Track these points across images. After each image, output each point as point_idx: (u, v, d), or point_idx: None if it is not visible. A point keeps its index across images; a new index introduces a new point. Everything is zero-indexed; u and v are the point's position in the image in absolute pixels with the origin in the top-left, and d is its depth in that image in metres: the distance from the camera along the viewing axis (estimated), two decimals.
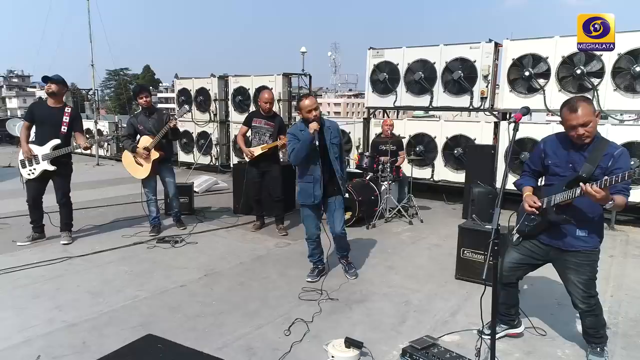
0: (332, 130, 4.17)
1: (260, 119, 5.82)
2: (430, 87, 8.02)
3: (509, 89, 7.29)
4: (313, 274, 4.40)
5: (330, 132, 4.16)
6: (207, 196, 8.66)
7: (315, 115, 4.05)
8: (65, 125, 5.23)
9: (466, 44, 7.72)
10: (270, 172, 5.88)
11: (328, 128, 4.16)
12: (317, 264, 4.47)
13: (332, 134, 4.16)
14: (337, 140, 4.20)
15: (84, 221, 6.41)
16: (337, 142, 4.20)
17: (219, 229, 6.19)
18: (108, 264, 4.74)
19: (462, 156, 7.77)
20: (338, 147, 4.23)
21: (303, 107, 4.08)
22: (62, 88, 5.30)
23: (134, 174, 5.88)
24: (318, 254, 4.47)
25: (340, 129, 4.34)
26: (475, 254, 4.30)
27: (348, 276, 4.44)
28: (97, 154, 13.35)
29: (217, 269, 4.67)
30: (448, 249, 5.43)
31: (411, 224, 6.58)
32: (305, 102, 4.08)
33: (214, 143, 11.29)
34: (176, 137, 6.09)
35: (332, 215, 4.28)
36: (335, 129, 4.22)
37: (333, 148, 4.16)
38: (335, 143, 4.17)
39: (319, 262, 4.49)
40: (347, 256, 4.54)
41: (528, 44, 7.12)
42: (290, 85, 10.39)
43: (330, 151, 4.16)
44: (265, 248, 5.40)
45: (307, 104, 4.06)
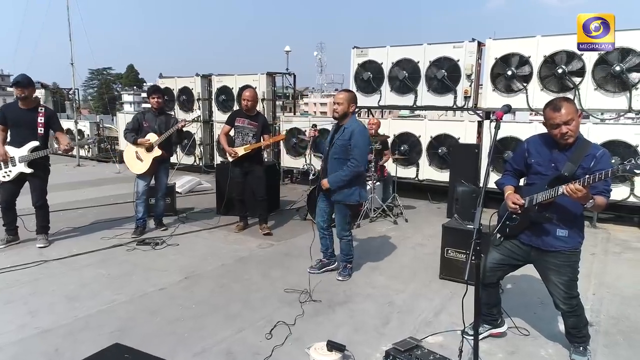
0: (345, 132, 4.13)
1: (244, 119, 5.74)
2: (414, 86, 8.02)
3: (492, 88, 7.33)
4: (315, 266, 4.52)
5: (342, 133, 4.14)
6: (191, 197, 8.54)
7: (334, 110, 4.22)
8: (42, 126, 5.08)
9: (450, 43, 7.74)
10: (254, 171, 5.80)
11: (344, 129, 4.15)
12: (324, 255, 4.56)
13: (342, 135, 4.14)
14: (342, 142, 4.13)
15: (63, 223, 6.26)
16: (342, 144, 4.14)
17: (201, 230, 6.09)
18: (86, 267, 4.62)
19: (447, 155, 7.78)
20: (339, 149, 4.15)
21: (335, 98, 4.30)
22: (31, 90, 5.16)
23: (132, 168, 5.83)
24: (324, 247, 4.53)
25: (361, 133, 4.16)
26: (459, 254, 4.28)
27: (338, 276, 4.43)
28: (78, 155, 13.08)
29: (198, 271, 4.58)
30: (432, 248, 5.41)
31: (396, 224, 6.56)
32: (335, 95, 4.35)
33: (197, 143, 11.16)
34: (180, 140, 6.09)
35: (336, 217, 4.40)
36: (350, 131, 4.11)
37: (335, 148, 4.18)
38: (340, 144, 4.15)
39: (325, 255, 4.55)
40: (348, 261, 4.46)
41: (511, 43, 7.17)
42: (275, 85, 10.31)
43: (332, 149, 4.20)
44: (247, 249, 5.32)
45: (335, 97, 4.31)
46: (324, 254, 4.57)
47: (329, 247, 4.54)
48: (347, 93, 4.21)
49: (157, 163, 5.73)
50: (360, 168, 4.17)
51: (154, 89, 5.96)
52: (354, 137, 4.08)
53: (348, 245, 4.43)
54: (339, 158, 4.16)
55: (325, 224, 4.45)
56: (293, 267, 4.69)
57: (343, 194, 4.21)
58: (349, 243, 4.43)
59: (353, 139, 4.08)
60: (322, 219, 4.45)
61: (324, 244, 4.53)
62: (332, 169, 4.21)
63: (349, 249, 4.44)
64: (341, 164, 4.15)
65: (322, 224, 4.45)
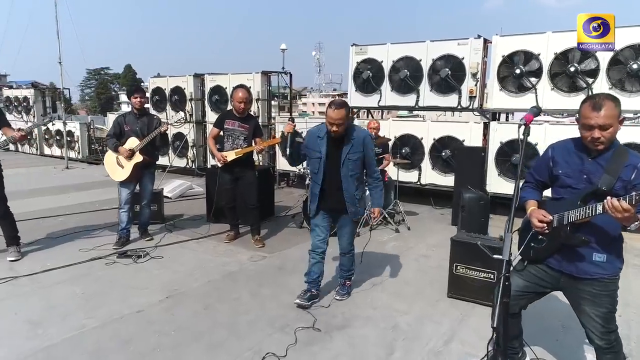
0: (355, 144, 3.60)
1: (234, 121, 5.32)
2: (416, 85, 7.61)
3: (499, 87, 6.93)
4: (303, 297, 3.78)
5: (351, 147, 3.60)
6: (181, 202, 8.12)
7: (334, 131, 3.53)
8: None
9: (454, 40, 7.33)
10: (245, 177, 5.38)
11: (351, 141, 3.60)
12: (312, 285, 3.86)
13: (353, 149, 3.60)
14: (356, 156, 3.62)
15: (40, 232, 5.84)
16: (356, 159, 3.63)
17: (189, 240, 5.67)
18: (58, 285, 4.19)
19: (451, 159, 7.38)
20: (355, 165, 3.64)
21: (327, 115, 3.54)
22: None
23: (112, 175, 5.40)
24: (316, 274, 3.84)
25: (371, 141, 3.76)
26: (470, 270, 3.87)
27: (336, 295, 3.99)
28: (67, 157, 12.64)
29: (182, 288, 4.15)
30: (437, 260, 5.02)
31: (397, 232, 6.16)
32: (330, 112, 3.49)
33: (190, 145, 10.74)
34: (164, 143, 5.62)
35: (341, 230, 3.92)
36: (360, 142, 3.62)
37: (348, 164, 3.62)
38: (354, 159, 3.63)
39: (314, 285, 3.86)
40: (348, 278, 4.06)
41: (519, 40, 6.77)
42: (270, 85, 9.89)
43: (344, 167, 3.63)
44: (237, 262, 4.90)
45: (330, 115, 3.49)
46: (312, 284, 3.86)
47: (321, 275, 3.90)
48: (343, 109, 3.51)
49: (139, 169, 5.30)
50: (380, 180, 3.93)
51: (135, 88, 5.52)
52: (368, 148, 3.68)
53: (352, 259, 4.02)
54: (355, 175, 3.68)
55: (324, 246, 3.84)
56: (286, 284, 4.27)
57: (360, 208, 3.84)
58: (353, 257, 4.04)
59: (366, 150, 3.67)
60: (323, 240, 3.83)
61: (317, 270, 3.85)
62: (349, 189, 3.67)
63: (351, 263, 4.03)
64: (357, 181, 3.72)
65: (322, 246, 3.83)
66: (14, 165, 12.81)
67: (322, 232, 3.82)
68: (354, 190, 3.68)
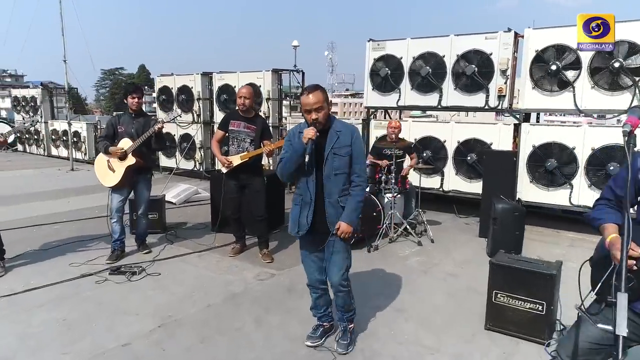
0: (342, 137, 2.88)
1: (239, 121, 4.80)
2: (439, 83, 7.01)
3: (531, 85, 6.29)
4: (314, 335, 3.20)
5: (337, 139, 2.87)
6: (186, 208, 7.63)
7: (314, 119, 2.82)
8: None
9: (481, 34, 6.71)
10: (252, 185, 4.86)
11: (336, 133, 2.89)
12: (322, 320, 3.27)
13: (340, 142, 2.87)
14: (344, 151, 2.87)
15: (31, 242, 5.39)
16: (345, 154, 2.87)
17: (191, 254, 5.16)
18: (38, 309, 3.69)
19: (477, 163, 6.76)
20: (342, 161, 2.88)
21: (302, 104, 2.89)
22: None
23: (102, 179, 4.91)
24: (323, 307, 3.23)
25: (359, 137, 2.99)
26: (513, 299, 3.28)
27: (337, 347, 3.10)
28: (72, 158, 12.27)
29: (178, 315, 3.63)
30: (467, 280, 4.44)
31: (420, 245, 5.57)
32: (305, 99, 2.83)
33: (197, 146, 10.26)
34: (160, 145, 5.09)
35: (329, 259, 3.01)
36: (349, 135, 2.89)
37: (333, 161, 2.87)
38: (341, 154, 2.87)
39: (325, 318, 3.27)
40: (349, 319, 3.18)
41: (554, 33, 6.12)
42: (281, 83, 9.36)
43: (327, 164, 2.88)
44: (242, 281, 4.37)
45: (305, 102, 2.83)
46: (322, 317, 3.26)
47: (328, 306, 3.26)
48: (319, 91, 2.84)
49: (132, 173, 4.80)
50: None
51: (133, 87, 5.03)
52: (356, 142, 2.91)
53: (348, 296, 3.10)
54: (341, 173, 2.90)
55: (323, 276, 3.11)
56: (296, 310, 3.72)
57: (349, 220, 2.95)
58: (349, 294, 3.11)
59: (355, 145, 2.90)
60: (319, 271, 3.09)
61: (323, 303, 3.22)
62: (333, 191, 2.90)
63: (349, 301, 3.13)
64: (344, 181, 2.93)
65: (319, 277, 3.11)
66: (20, 167, 12.54)
67: (315, 262, 3.10)
68: (337, 195, 2.90)
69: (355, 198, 2.93)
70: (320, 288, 3.16)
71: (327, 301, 3.22)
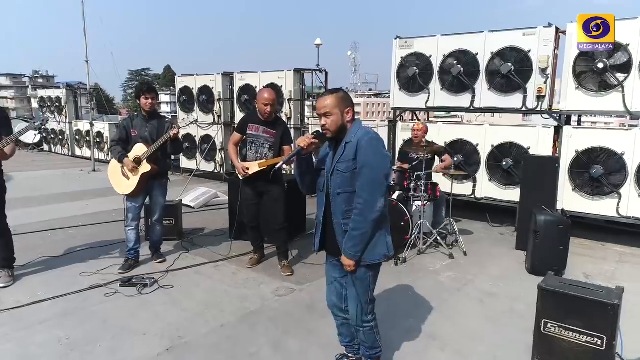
0: (348, 149, 2.44)
1: (258, 125, 4.48)
2: (471, 83, 6.56)
3: (574, 85, 5.78)
4: None
5: (343, 153, 2.46)
6: (205, 212, 7.38)
7: (322, 126, 2.49)
8: None
9: (518, 29, 6.23)
10: (271, 192, 4.53)
11: (344, 145, 2.46)
12: (348, 350, 2.91)
13: (344, 155, 2.45)
14: (344, 166, 2.43)
15: (44, 248, 5.21)
16: (345, 170, 2.44)
17: (206, 264, 4.87)
18: (40, 325, 3.45)
19: (513, 169, 6.28)
20: (343, 178, 2.45)
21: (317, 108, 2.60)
22: None
23: (116, 187, 4.67)
24: (348, 337, 2.85)
25: (374, 145, 2.43)
26: (566, 330, 2.85)
27: None
28: (93, 159, 12.22)
29: (188, 336, 3.33)
30: (507, 301, 4.01)
31: (452, 258, 5.14)
32: (317, 102, 2.59)
33: (217, 148, 10.03)
34: (177, 150, 4.82)
35: (346, 289, 2.68)
36: (354, 146, 2.42)
37: (336, 177, 2.47)
38: (341, 170, 2.45)
39: (350, 350, 2.88)
40: (374, 357, 2.77)
41: None
42: (304, 83, 9.03)
43: (331, 181, 2.50)
44: (259, 297, 4.04)
45: (317, 106, 2.55)
46: (348, 348, 2.91)
47: (354, 338, 2.84)
48: (333, 96, 2.48)
49: (147, 179, 4.54)
50: (375, 208, 2.40)
51: (146, 87, 4.69)
52: (361, 152, 2.40)
53: (372, 333, 2.70)
54: (343, 192, 2.47)
55: (342, 304, 2.77)
56: (318, 331, 3.38)
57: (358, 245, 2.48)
58: (373, 330, 2.70)
59: (359, 156, 2.41)
60: (338, 296, 2.76)
61: (347, 333, 2.84)
62: (337, 211, 2.50)
63: (374, 337, 2.71)
64: (348, 201, 2.47)
65: (338, 304, 2.77)
66: (44, 167, 12.60)
67: (334, 286, 2.76)
68: (341, 217, 2.49)
69: (351, 225, 2.43)
70: (340, 316, 2.80)
71: (352, 333, 2.83)
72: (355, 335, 2.80)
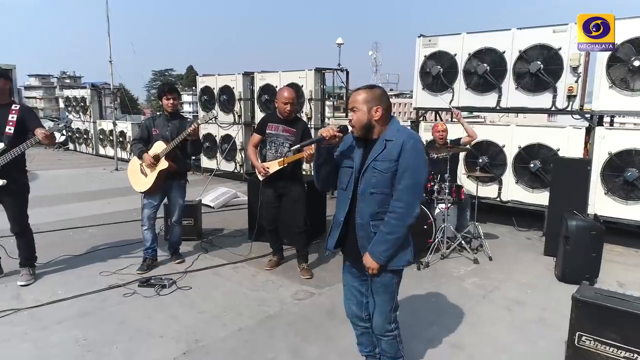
0: (389, 148, 2.31)
1: (277, 124, 4.40)
2: (498, 82, 6.35)
3: (608, 84, 5.52)
4: None
5: (382, 150, 2.32)
6: (224, 212, 7.35)
7: (349, 120, 2.44)
8: (12, 125, 3.94)
9: (548, 26, 6.00)
10: (290, 194, 4.45)
11: (384, 142, 2.33)
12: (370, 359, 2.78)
13: (384, 154, 2.31)
14: (385, 166, 2.29)
15: (65, 247, 5.23)
16: (385, 170, 2.30)
17: (226, 265, 4.82)
18: (58, 325, 3.43)
19: (541, 171, 6.05)
20: (382, 178, 2.31)
21: None
22: (5, 83, 4.05)
23: (134, 184, 4.66)
24: (368, 347, 2.72)
25: (419, 149, 2.34)
26: (602, 345, 2.68)
27: None
28: (116, 158, 12.38)
29: (205, 339, 3.26)
30: (536, 311, 3.83)
31: (476, 263, 4.97)
32: (350, 97, 2.52)
33: (238, 148, 10.02)
34: (196, 151, 4.77)
35: (369, 297, 2.54)
36: (398, 146, 2.29)
37: (371, 176, 2.33)
38: (381, 170, 2.30)
39: (372, 359, 2.75)
40: None
41: (637, 22, 5.34)
42: (324, 83, 8.93)
43: (364, 178, 2.36)
44: (278, 301, 3.96)
45: (349, 100, 2.54)
46: (368, 358, 2.77)
47: (375, 347, 2.71)
48: (365, 91, 2.38)
49: (164, 177, 4.51)
50: (413, 213, 2.31)
51: (168, 87, 4.68)
52: (405, 155, 2.28)
53: (395, 342, 2.56)
54: (379, 193, 2.34)
55: (362, 313, 2.62)
56: (337, 338, 3.28)
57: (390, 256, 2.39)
58: (396, 339, 2.56)
59: (403, 159, 2.29)
60: (358, 305, 2.62)
61: (367, 342, 2.71)
62: (365, 211, 2.37)
63: (396, 348, 2.57)
64: (381, 203, 2.35)
65: (357, 313, 2.63)
66: (69, 166, 12.83)
67: (354, 295, 2.62)
68: (369, 217, 2.35)
69: (385, 229, 2.31)
70: (360, 325, 2.67)
71: (372, 342, 2.70)
72: (376, 345, 2.68)
